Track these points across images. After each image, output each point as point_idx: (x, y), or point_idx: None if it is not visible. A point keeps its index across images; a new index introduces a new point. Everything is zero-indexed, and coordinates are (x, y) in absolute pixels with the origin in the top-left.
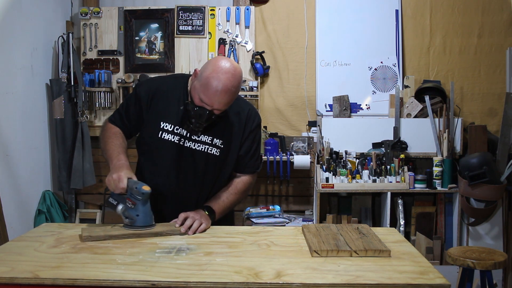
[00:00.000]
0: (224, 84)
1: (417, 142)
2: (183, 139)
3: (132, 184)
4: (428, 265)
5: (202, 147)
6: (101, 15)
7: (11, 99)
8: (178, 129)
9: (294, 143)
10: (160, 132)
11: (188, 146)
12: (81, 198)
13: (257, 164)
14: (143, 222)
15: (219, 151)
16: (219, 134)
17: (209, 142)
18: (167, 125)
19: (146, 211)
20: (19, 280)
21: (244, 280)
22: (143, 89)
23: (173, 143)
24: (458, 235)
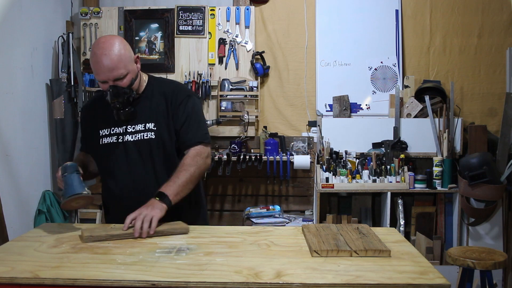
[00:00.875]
0: (100, 53)
1: (417, 142)
2: (121, 136)
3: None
4: (428, 265)
5: (138, 136)
6: (101, 15)
7: (11, 99)
8: (113, 129)
9: (294, 143)
10: (100, 139)
11: (127, 139)
12: None
13: (198, 134)
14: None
15: (153, 133)
16: (149, 118)
17: (143, 129)
18: (104, 130)
19: (70, 182)
20: (19, 280)
21: (244, 280)
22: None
23: (113, 144)
24: (458, 235)
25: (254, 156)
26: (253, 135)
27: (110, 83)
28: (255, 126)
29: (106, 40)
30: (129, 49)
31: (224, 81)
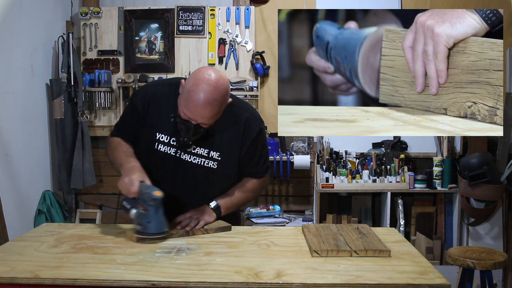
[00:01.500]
0: (205, 98)
1: (417, 142)
2: (180, 151)
3: (144, 189)
4: (428, 265)
5: (198, 160)
6: (101, 15)
7: (11, 99)
8: (174, 140)
9: (294, 143)
10: (156, 143)
11: (185, 158)
12: (81, 198)
13: (264, 169)
14: (154, 229)
15: (216, 164)
16: (215, 147)
17: (206, 155)
18: (163, 136)
19: (158, 217)
20: (19, 280)
21: (244, 280)
22: (137, 98)
23: (169, 155)
24: (458, 235)
25: None
26: None
27: (193, 123)
28: None
29: (217, 85)
30: (228, 96)
31: None
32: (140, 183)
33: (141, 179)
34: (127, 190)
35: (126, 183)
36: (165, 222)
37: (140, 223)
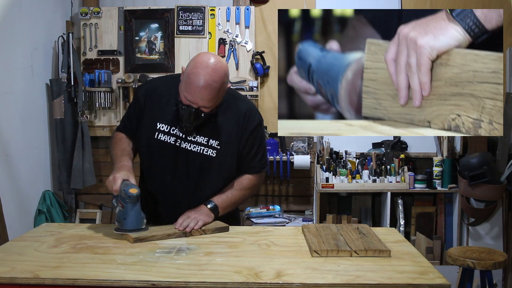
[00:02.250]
0: (205, 80)
1: (417, 142)
2: (179, 140)
3: (122, 187)
4: (428, 265)
5: (197, 148)
6: (101, 15)
7: (11, 99)
8: (174, 129)
9: (294, 143)
10: (157, 133)
11: (184, 147)
12: (81, 198)
13: (262, 164)
14: (130, 225)
15: (215, 152)
16: (215, 135)
17: (205, 143)
18: (163, 125)
19: (134, 214)
20: (19, 280)
21: (244, 280)
22: (141, 91)
23: (169, 144)
24: (458, 235)
25: None
26: None
27: (194, 106)
28: None
29: (216, 68)
30: (228, 80)
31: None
32: (123, 181)
33: (125, 178)
34: (110, 187)
35: (110, 181)
36: (141, 219)
37: (118, 220)
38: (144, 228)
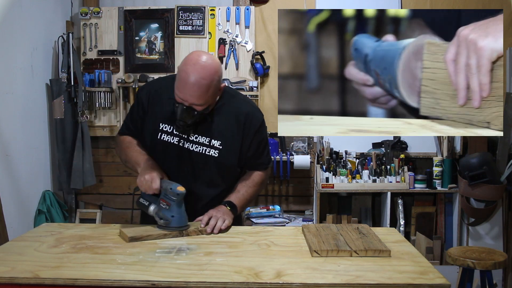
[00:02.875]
0: (194, 77)
1: (417, 142)
2: (182, 140)
3: (166, 185)
4: (428, 265)
5: (200, 148)
6: (101, 15)
7: (11, 99)
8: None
9: (294, 143)
10: (160, 133)
11: (187, 147)
12: (81, 198)
13: (268, 160)
14: (178, 223)
15: (217, 153)
16: (217, 135)
17: (207, 143)
18: (166, 126)
19: (181, 212)
20: (19, 280)
21: (244, 280)
22: (143, 92)
23: (172, 144)
24: (458, 235)
25: None
26: None
27: (186, 104)
28: None
29: (205, 65)
30: (220, 79)
31: (224, 81)
32: (161, 180)
33: (161, 176)
34: (148, 186)
35: (147, 180)
36: (186, 216)
37: (163, 218)
38: (188, 226)
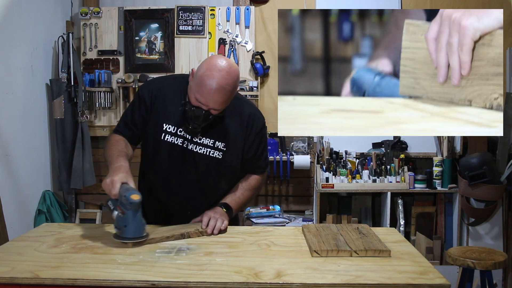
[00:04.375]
0: (219, 83)
1: (417, 142)
2: (186, 141)
3: (123, 192)
4: (428, 265)
5: (204, 150)
6: (101, 15)
7: (11, 99)
8: (181, 131)
9: (294, 143)
10: (163, 134)
11: (191, 148)
12: (81, 198)
13: (265, 164)
14: (131, 233)
15: (221, 154)
16: (221, 137)
17: (211, 145)
18: (170, 126)
19: (135, 222)
20: (19, 280)
21: (244, 280)
22: (145, 91)
23: (176, 146)
24: (458, 235)
25: None
26: None
27: (204, 108)
28: None
29: (230, 71)
30: (238, 85)
31: None
32: (121, 185)
33: (124, 181)
34: (108, 191)
35: (107, 184)
36: (142, 227)
37: (118, 227)
38: (144, 236)
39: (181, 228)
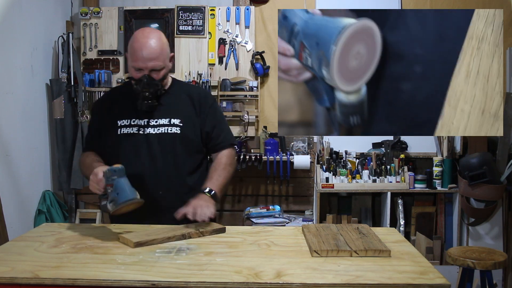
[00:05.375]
0: (144, 40)
1: (417, 142)
2: (142, 128)
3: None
4: (428, 265)
5: (161, 129)
6: (101, 15)
7: (11, 99)
8: (134, 121)
9: (294, 143)
10: (118, 129)
11: (148, 132)
12: (81, 198)
13: (229, 137)
14: (125, 196)
15: (179, 129)
16: (175, 114)
17: (167, 123)
18: (123, 121)
19: (125, 184)
20: (19, 280)
21: (244, 280)
22: (96, 107)
23: (133, 135)
24: (458, 235)
25: (254, 156)
26: (253, 135)
27: (146, 72)
28: (255, 126)
29: (151, 31)
30: (168, 45)
31: (224, 81)
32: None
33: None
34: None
35: (92, 179)
36: (133, 190)
37: (112, 200)
38: (139, 199)
39: (182, 229)
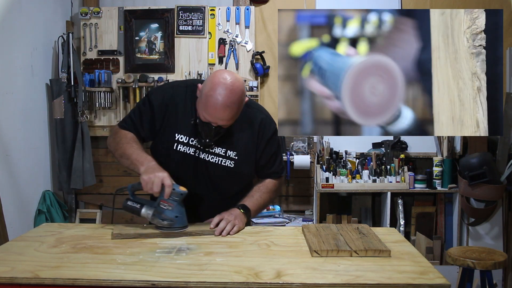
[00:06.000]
0: (223, 102)
1: (417, 142)
2: (198, 150)
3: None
4: (428, 265)
5: (216, 159)
6: (101, 15)
7: (11, 99)
8: (192, 140)
9: (294, 143)
10: (176, 144)
11: (203, 157)
12: (81, 198)
13: (280, 168)
14: (181, 223)
15: (233, 163)
16: (232, 146)
17: (223, 154)
18: (182, 136)
19: (183, 211)
20: (19, 280)
21: (244, 280)
22: (156, 97)
23: (188, 155)
24: (458, 235)
25: None
26: None
27: (214, 125)
28: None
29: (233, 88)
30: (245, 96)
31: None
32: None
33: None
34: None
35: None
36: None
37: (166, 219)
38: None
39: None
